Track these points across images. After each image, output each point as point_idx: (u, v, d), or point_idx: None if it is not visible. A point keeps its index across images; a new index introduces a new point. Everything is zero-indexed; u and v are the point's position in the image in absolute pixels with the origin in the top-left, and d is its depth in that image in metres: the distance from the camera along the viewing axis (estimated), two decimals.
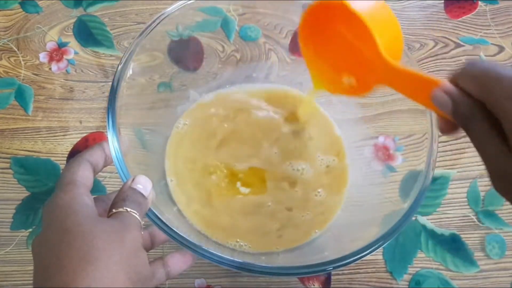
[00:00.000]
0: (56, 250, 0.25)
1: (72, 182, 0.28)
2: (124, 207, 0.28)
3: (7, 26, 0.53)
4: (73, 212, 0.26)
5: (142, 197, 0.29)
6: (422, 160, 0.36)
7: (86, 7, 0.54)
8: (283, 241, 0.41)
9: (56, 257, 0.25)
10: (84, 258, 0.24)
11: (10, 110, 0.49)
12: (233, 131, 0.45)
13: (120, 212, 0.28)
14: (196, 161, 0.44)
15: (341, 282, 0.43)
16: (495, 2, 0.56)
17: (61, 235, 0.25)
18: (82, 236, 0.25)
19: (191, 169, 0.43)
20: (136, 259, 0.26)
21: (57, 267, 0.24)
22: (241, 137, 0.45)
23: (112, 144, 0.32)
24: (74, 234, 0.25)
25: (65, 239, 0.25)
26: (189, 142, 0.44)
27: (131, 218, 0.27)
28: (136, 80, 0.38)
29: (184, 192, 0.42)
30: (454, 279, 0.43)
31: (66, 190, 0.28)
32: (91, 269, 0.24)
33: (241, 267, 0.31)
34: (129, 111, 0.37)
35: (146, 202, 0.30)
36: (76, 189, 0.28)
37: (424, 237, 0.44)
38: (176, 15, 0.38)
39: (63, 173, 0.29)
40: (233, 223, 0.42)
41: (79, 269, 0.24)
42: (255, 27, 0.46)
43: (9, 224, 0.44)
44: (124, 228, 0.26)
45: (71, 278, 0.23)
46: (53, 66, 0.51)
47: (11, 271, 0.42)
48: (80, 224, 0.26)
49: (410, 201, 0.34)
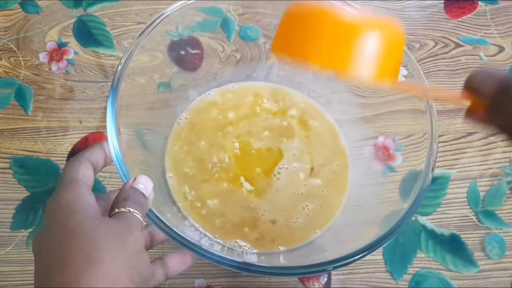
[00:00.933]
0: (58, 249, 0.25)
1: (74, 181, 0.28)
2: (127, 207, 0.28)
3: (7, 26, 0.53)
4: (76, 211, 0.26)
5: (144, 197, 0.29)
6: (422, 160, 0.36)
7: (86, 7, 0.54)
8: (283, 242, 0.41)
9: (59, 257, 0.24)
10: (87, 259, 0.24)
11: (10, 110, 0.49)
12: (236, 128, 0.45)
13: (122, 212, 0.27)
14: (196, 161, 0.44)
15: (341, 282, 0.43)
16: (495, 2, 0.56)
17: (64, 234, 0.25)
18: (86, 236, 0.25)
19: (192, 168, 0.43)
20: (138, 261, 0.26)
21: (60, 266, 0.24)
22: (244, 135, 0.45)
23: (112, 144, 0.32)
24: (77, 233, 0.25)
25: (68, 239, 0.25)
26: (189, 141, 0.44)
27: (134, 218, 0.27)
28: (136, 80, 0.38)
29: (184, 191, 0.42)
30: (454, 279, 0.43)
31: (68, 189, 0.27)
32: (94, 270, 0.24)
33: (241, 267, 0.31)
34: (129, 111, 0.37)
35: (147, 202, 0.29)
36: (78, 187, 0.28)
37: (424, 237, 0.44)
38: (176, 15, 0.38)
39: (64, 171, 0.29)
40: (233, 223, 0.42)
41: (82, 270, 0.24)
42: (255, 27, 0.46)
43: (9, 224, 0.44)
44: (127, 229, 0.26)
45: (74, 278, 0.23)
46: (53, 66, 0.51)
47: (11, 271, 0.42)
48: (83, 224, 0.26)
49: (410, 201, 0.34)
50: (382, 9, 0.55)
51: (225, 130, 0.45)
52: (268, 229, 0.41)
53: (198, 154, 0.44)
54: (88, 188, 0.28)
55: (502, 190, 0.46)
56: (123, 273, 0.25)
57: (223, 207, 0.42)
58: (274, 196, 0.43)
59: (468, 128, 0.49)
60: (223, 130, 0.45)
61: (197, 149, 0.44)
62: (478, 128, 0.49)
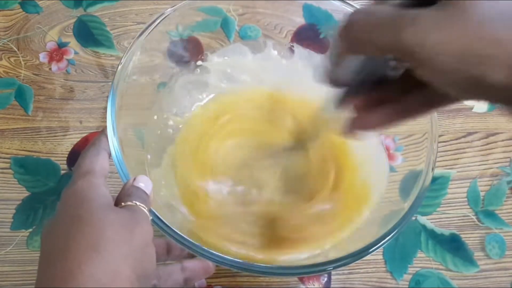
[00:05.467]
0: (65, 235, 0.25)
1: (91, 171, 0.28)
2: (133, 201, 0.28)
3: (7, 26, 0.53)
4: (88, 200, 0.26)
5: (145, 194, 0.29)
6: (422, 160, 0.36)
7: (86, 7, 0.54)
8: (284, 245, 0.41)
9: (64, 242, 0.24)
10: (91, 246, 0.24)
11: (10, 110, 0.49)
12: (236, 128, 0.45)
13: (130, 205, 0.28)
14: (197, 160, 0.44)
15: (341, 282, 0.43)
16: None
17: (73, 221, 0.25)
18: (93, 224, 0.25)
19: (192, 167, 0.43)
20: (143, 254, 0.26)
21: (63, 252, 0.24)
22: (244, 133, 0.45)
23: (112, 144, 0.32)
24: (85, 221, 0.25)
25: (76, 226, 0.25)
26: (188, 141, 0.44)
27: (141, 211, 0.28)
28: (136, 80, 0.38)
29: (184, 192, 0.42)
30: (454, 279, 0.43)
31: (85, 179, 0.28)
32: (97, 258, 0.24)
33: (241, 267, 0.31)
34: (129, 111, 0.37)
35: (149, 199, 0.30)
36: (94, 178, 0.28)
37: (424, 237, 0.44)
38: (176, 15, 0.38)
39: (81, 161, 0.29)
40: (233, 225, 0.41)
41: (85, 257, 0.24)
42: (255, 27, 0.46)
43: (9, 224, 0.44)
44: (135, 221, 0.26)
45: (76, 265, 0.23)
46: (53, 66, 0.51)
47: (11, 271, 0.42)
48: (92, 212, 0.26)
49: (410, 201, 0.34)
50: None
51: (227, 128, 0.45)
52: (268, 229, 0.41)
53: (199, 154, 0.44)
54: (103, 180, 0.29)
55: (502, 190, 0.46)
56: (125, 264, 0.24)
57: (224, 206, 0.42)
58: (277, 199, 0.42)
59: (468, 128, 0.49)
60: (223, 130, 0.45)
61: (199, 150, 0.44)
62: (478, 128, 0.49)
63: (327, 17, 0.42)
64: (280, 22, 0.44)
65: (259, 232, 0.38)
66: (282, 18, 0.44)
